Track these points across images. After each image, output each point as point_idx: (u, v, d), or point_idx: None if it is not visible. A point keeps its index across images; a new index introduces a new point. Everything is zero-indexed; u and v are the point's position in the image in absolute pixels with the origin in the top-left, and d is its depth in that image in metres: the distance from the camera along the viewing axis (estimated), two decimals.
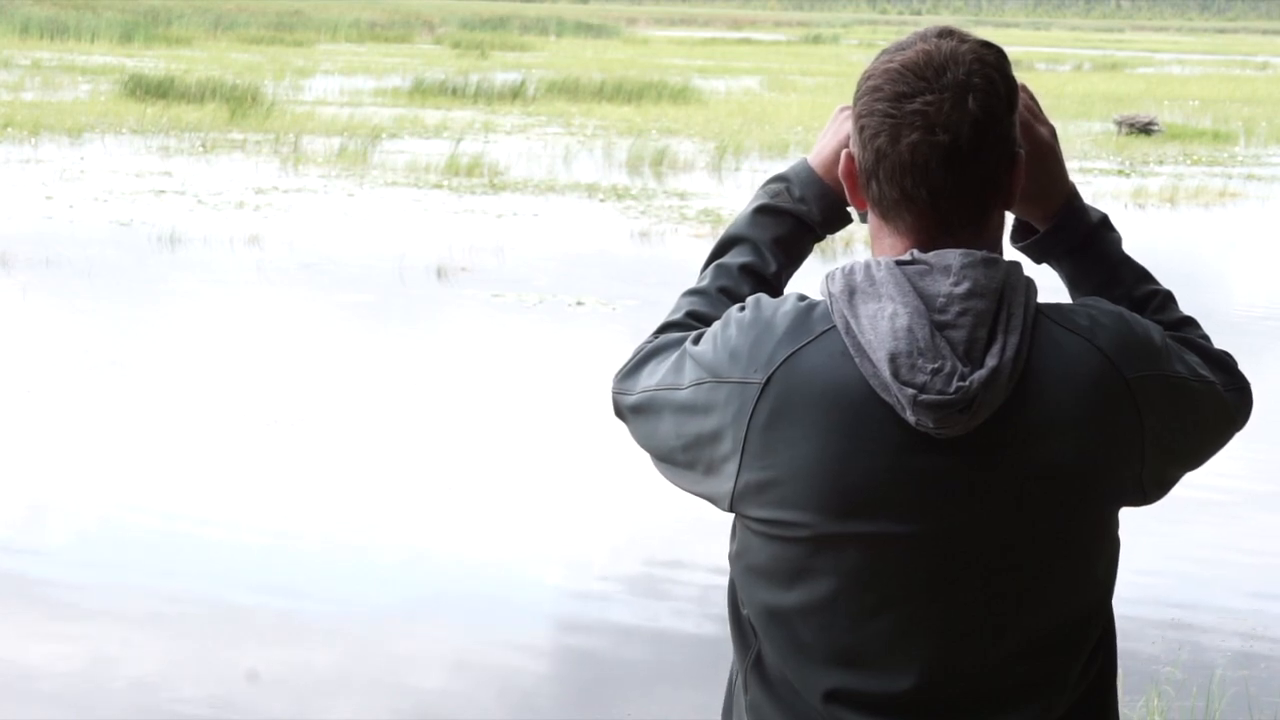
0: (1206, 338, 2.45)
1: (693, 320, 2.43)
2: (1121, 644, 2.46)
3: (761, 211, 2.50)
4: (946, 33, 2.28)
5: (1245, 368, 2.48)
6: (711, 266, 2.50)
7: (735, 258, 2.48)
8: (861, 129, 2.28)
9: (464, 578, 7.92)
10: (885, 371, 2.18)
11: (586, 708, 6.69)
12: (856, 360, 2.21)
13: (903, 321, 2.18)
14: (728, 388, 2.26)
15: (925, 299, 2.21)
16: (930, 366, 2.17)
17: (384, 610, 7.47)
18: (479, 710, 6.58)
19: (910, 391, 2.17)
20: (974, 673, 2.26)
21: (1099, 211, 2.51)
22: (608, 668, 7.07)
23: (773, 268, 2.48)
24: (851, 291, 2.23)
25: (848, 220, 2.51)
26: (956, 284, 2.21)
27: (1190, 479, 2.50)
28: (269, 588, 7.67)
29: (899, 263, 2.23)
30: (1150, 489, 2.32)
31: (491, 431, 10.18)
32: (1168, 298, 2.48)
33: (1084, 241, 2.46)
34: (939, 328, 2.20)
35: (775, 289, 2.46)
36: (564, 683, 6.98)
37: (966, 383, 2.17)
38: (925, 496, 2.22)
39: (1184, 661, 6.94)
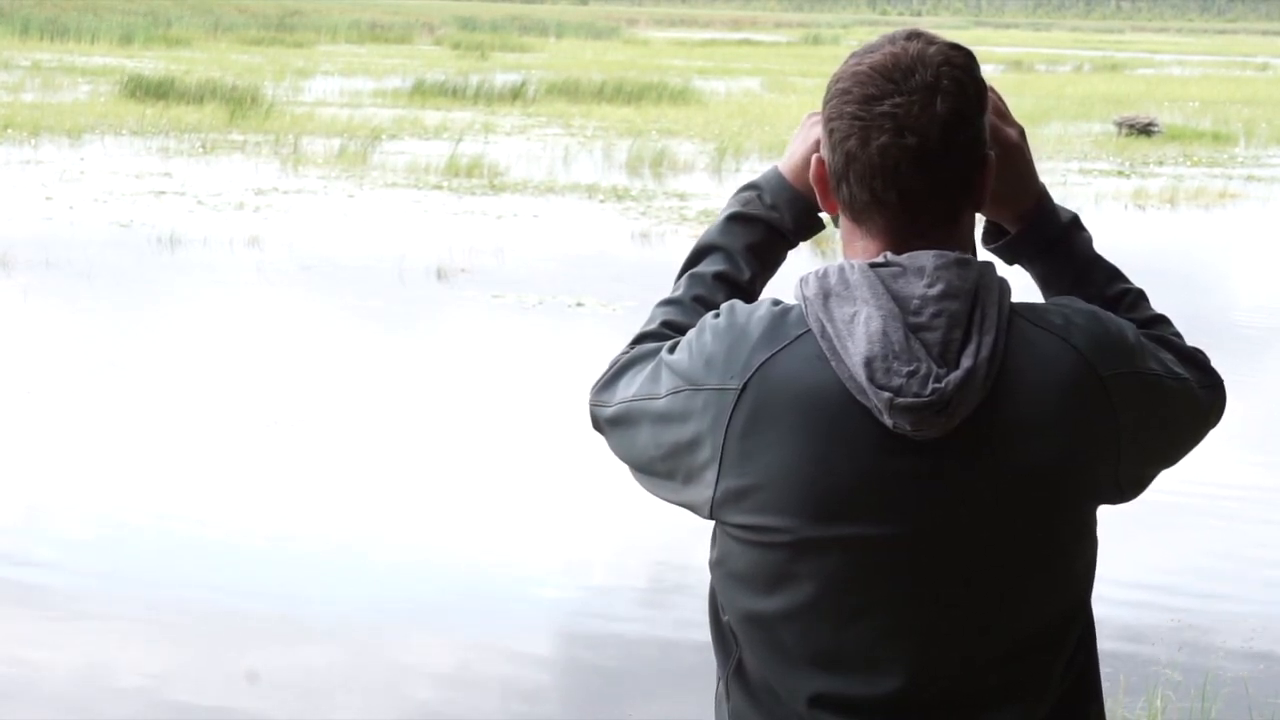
0: (1179, 335, 2.46)
1: (668, 330, 2.43)
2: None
3: (734, 219, 2.49)
4: (915, 35, 2.28)
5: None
6: (685, 275, 2.49)
7: (709, 266, 2.48)
8: (831, 132, 2.28)
9: (464, 581, 7.91)
10: (861, 375, 2.18)
11: (588, 711, 6.68)
12: (833, 364, 2.21)
13: (877, 325, 2.19)
14: (704, 395, 2.26)
15: (899, 301, 2.21)
16: (906, 369, 2.17)
17: (384, 614, 7.47)
18: (480, 714, 6.58)
19: (886, 395, 2.17)
20: (957, 673, 2.26)
21: (1069, 211, 2.52)
22: (609, 671, 7.06)
23: (747, 275, 2.47)
24: (825, 295, 2.23)
25: (820, 226, 2.51)
26: (930, 285, 2.21)
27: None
28: (269, 590, 7.67)
29: (872, 265, 2.23)
30: (1126, 487, 2.33)
31: (492, 433, 10.18)
32: (1140, 296, 2.49)
33: (1055, 242, 2.47)
34: (914, 330, 2.20)
35: (750, 296, 2.46)
36: (565, 686, 6.98)
37: (942, 384, 2.17)
38: (905, 498, 2.22)
39: (1183, 663, 6.94)
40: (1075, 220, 2.50)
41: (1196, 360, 2.43)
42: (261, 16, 61.69)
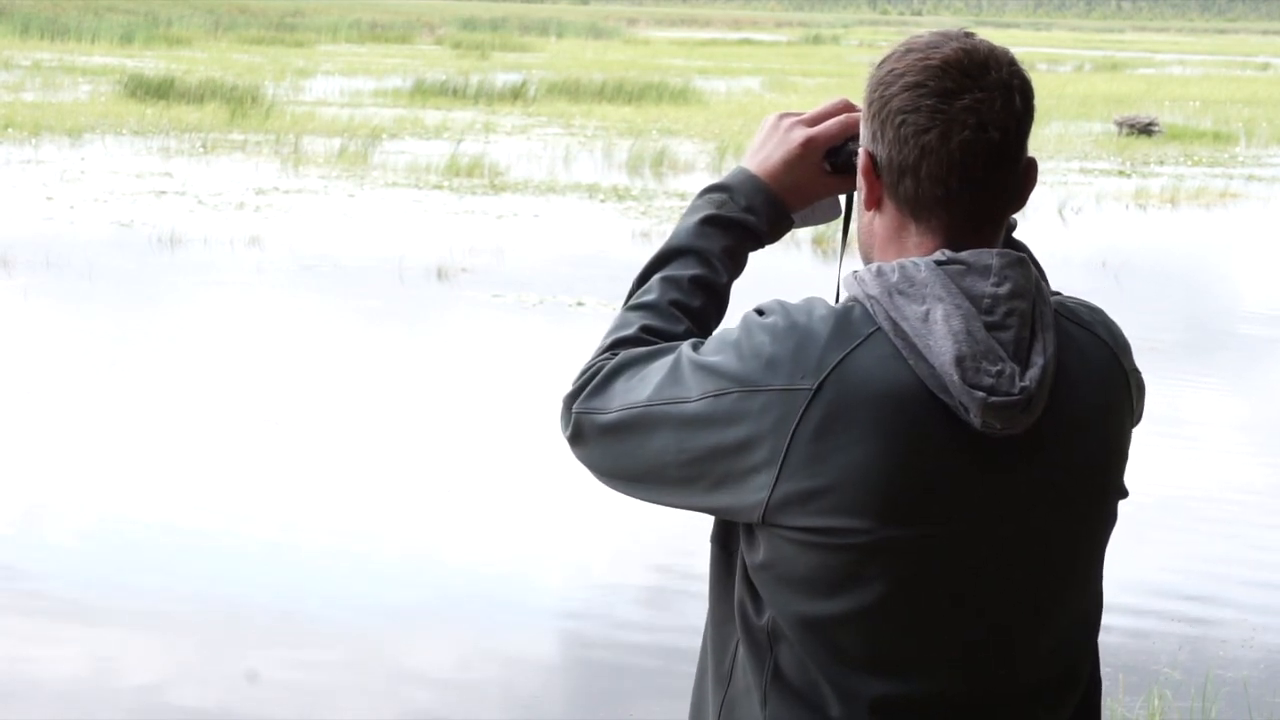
0: None
1: (648, 335, 2.39)
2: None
3: (709, 222, 2.47)
4: (969, 34, 2.29)
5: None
6: (656, 280, 2.45)
7: (683, 270, 2.44)
8: (900, 124, 2.24)
9: (466, 581, 7.91)
10: (953, 374, 2.16)
11: (589, 711, 6.68)
12: (911, 362, 2.19)
13: (959, 323, 2.17)
14: (765, 396, 2.21)
15: (972, 299, 2.20)
16: (993, 369, 2.16)
17: (385, 615, 7.47)
18: (480, 715, 6.58)
19: (980, 395, 2.16)
20: (1012, 670, 2.26)
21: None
22: (610, 671, 7.07)
23: (724, 278, 2.45)
24: (890, 292, 2.21)
25: (790, 227, 2.50)
26: (998, 285, 2.20)
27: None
28: (270, 591, 7.67)
29: (938, 263, 2.22)
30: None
31: (493, 434, 10.18)
32: None
33: (1007, 243, 2.48)
34: (988, 328, 2.19)
35: (725, 300, 2.44)
36: (567, 686, 6.98)
37: (1026, 382, 2.17)
38: (980, 496, 2.21)
39: (1184, 663, 6.94)
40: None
41: None
42: (262, 16, 61.70)
